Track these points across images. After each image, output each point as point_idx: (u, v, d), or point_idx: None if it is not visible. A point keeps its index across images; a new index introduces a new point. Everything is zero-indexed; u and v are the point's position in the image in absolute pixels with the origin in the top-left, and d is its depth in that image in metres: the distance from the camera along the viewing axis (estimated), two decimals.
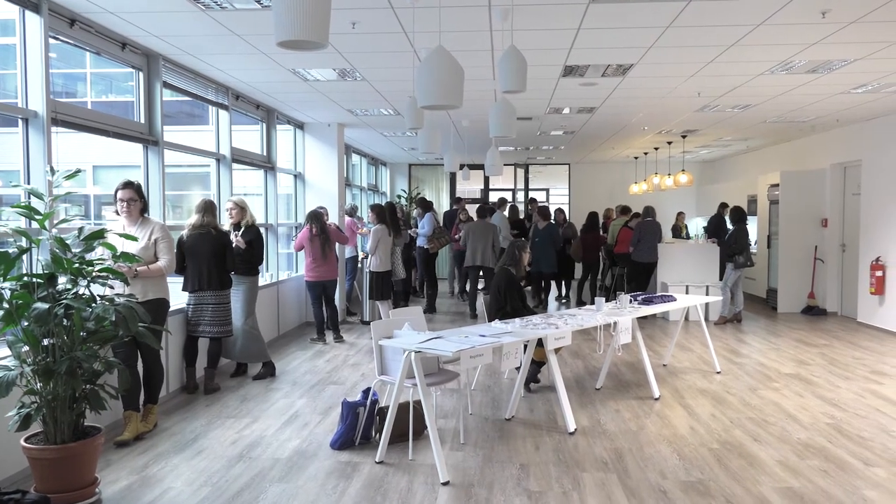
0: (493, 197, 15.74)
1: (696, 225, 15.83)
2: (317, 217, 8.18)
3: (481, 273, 10.43)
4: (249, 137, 8.92)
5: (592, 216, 11.81)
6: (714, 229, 11.76)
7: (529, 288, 11.61)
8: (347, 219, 10.46)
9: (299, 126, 10.14)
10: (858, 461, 4.42)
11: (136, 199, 4.92)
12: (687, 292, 9.85)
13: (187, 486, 4.01)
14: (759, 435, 4.93)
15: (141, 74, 6.02)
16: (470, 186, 17.79)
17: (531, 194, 16.76)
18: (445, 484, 4.04)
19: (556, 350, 5.39)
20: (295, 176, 10.16)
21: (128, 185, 4.91)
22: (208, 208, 6.11)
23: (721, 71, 6.70)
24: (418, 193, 15.35)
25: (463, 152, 13.53)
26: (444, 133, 10.96)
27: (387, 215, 9.21)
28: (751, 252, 10.44)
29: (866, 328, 9.49)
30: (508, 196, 16.31)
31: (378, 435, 4.64)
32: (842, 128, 10.48)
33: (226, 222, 6.71)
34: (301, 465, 4.36)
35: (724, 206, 11.94)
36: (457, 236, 12.10)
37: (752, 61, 6.33)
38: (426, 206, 11.66)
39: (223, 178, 7.58)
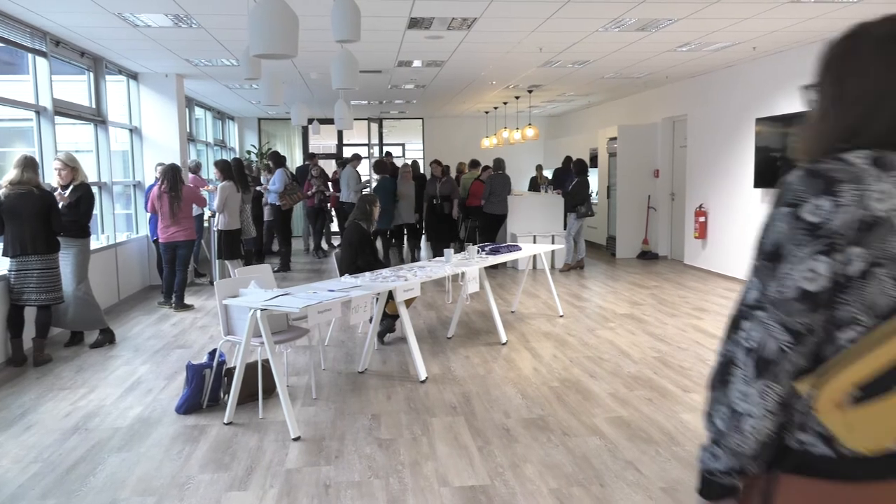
0: (348, 152, 15.55)
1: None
2: (167, 173, 7.71)
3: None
4: (76, 88, 8.21)
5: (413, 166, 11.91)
6: (559, 181, 12.32)
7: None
8: (191, 176, 9.96)
9: (133, 76, 9.44)
10: (678, 389, 4.89)
11: None
12: (534, 242, 10.31)
13: (14, 464, 3.75)
14: (594, 371, 5.31)
15: None
16: (324, 142, 17.45)
17: (386, 149, 16.71)
18: (296, 439, 4.05)
19: (408, 302, 5.49)
20: (130, 130, 9.49)
21: None
22: (28, 164, 5.59)
23: (560, 27, 6.94)
24: (269, 149, 14.85)
25: (313, 106, 13.21)
26: (291, 86, 10.63)
27: (233, 171, 8.85)
28: (591, 203, 11.05)
29: (692, 269, 10.41)
30: (363, 151, 16.16)
31: (226, 396, 4.54)
32: (671, 84, 11.24)
33: (55, 183, 6.18)
34: (143, 433, 4.19)
35: (569, 159, 12.50)
36: (309, 192, 11.88)
37: (587, 18, 6.60)
38: (280, 161, 11.31)
39: (45, 133, 6.93)
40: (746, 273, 1.26)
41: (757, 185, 8.79)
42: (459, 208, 11.32)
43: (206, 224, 10.14)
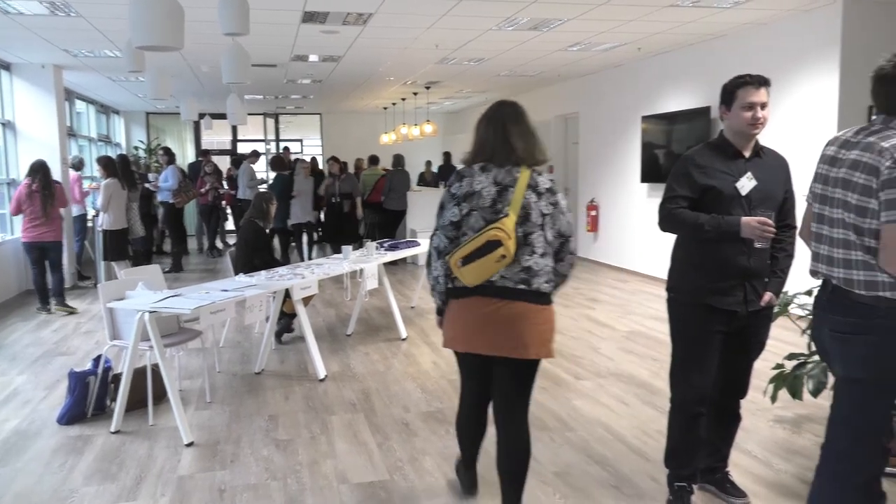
0: (244, 148, 15.15)
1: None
2: (38, 170, 7.23)
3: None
4: None
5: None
6: (444, 176, 12.60)
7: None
8: (73, 173, 9.42)
9: (5, 67, 8.82)
10: (571, 377, 5.07)
11: None
12: None
13: None
14: None
15: None
16: (218, 137, 16.90)
17: (283, 145, 16.37)
18: (189, 445, 3.92)
19: (306, 300, 5.42)
20: (3, 125, 8.86)
21: None
22: None
23: (455, 24, 7.02)
24: (158, 144, 14.23)
25: (205, 100, 12.77)
26: (180, 79, 10.24)
27: (118, 168, 8.43)
28: None
29: (585, 262, 10.79)
30: (261, 147, 15.76)
31: (113, 404, 4.33)
32: (563, 82, 11.59)
33: None
34: (21, 447, 3.94)
35: (448, 154, 13.32)
36: (202, 189, 11.50)
37: (481, 16, 6.71)
38: (172, 157, 10.87)
39: None
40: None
41: (644, 179, 9.21)
42: (362, 205, 11.16)
43: (89, 224, 9.63)
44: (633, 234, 9.58)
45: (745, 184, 2.84)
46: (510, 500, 2.91)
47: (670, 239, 3.09)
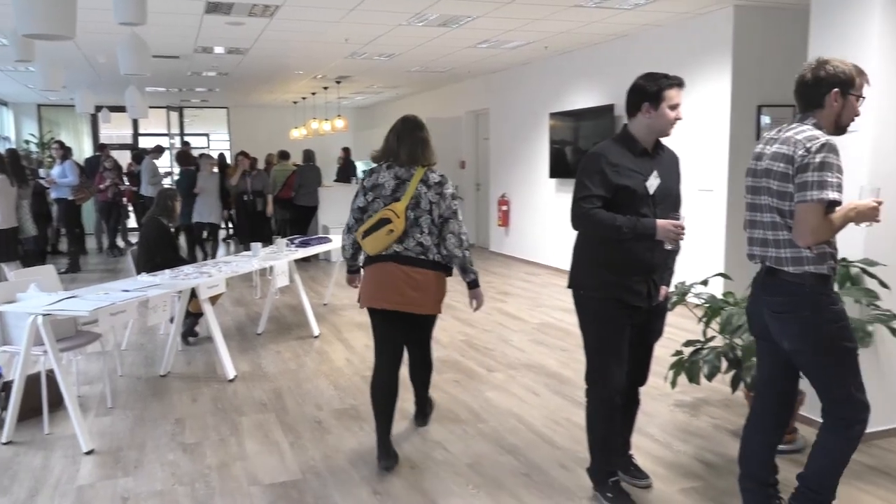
0: (147, 143, 14.53)
1: (357, 168, 16.53)
2: None
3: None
4: None
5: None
6: (342, 172, 12.89)
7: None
8: None
9: None
10: (483, 369, 5.15)
11: None
12: None
13: None
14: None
15: None
16: (118, 131, 16.13)
17: (188, 139, 15.81)
18: (89, 453, 3.75)
19: (213, 299, 5.27)
20: None
21: None
22: None
23: (364, 19, 6.97)
24: (52, 138, 13.46)
25: (102, 92, 12.17)
26: (75, 69, 9.73)
27: (7, 163, 7.92)
28: None
29: (496, 256, 10.97)
30: (164, 141, 15.16)
31: (4, 413, 4.09)
32: (473, 79, 11.72)
33: None
34: None
35: (346, 150, 13.62)
36: (101, 186, 10.97)
37: (390, 11, 6.69)
38: (67, 151, 10.30)
39: None
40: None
41: (552, 175, 9.44)
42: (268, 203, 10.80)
43: None
44: (543, 229, 9.81)
45: (653, 182, 2.92)
46: (421, 397, 4.06)
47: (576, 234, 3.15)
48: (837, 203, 2.44)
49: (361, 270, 3.62)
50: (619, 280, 2.93)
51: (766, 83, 6.53)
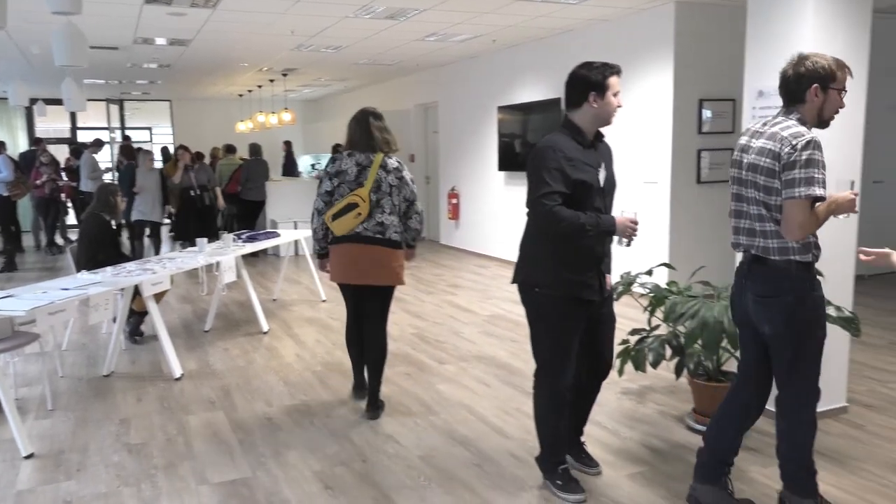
0: (85, 137, 14.07)
1: (305, 163, 16.36)
2: None
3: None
4: None
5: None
6: (289, 165, 13.06)
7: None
8: None
9: None
10: (435, 361, 5.17)
11: None
12: (296, 228, 10.17)
13: None
14: None
15: None
16: (55, 125, 15.58)
17: (130, 133, 15.39)
18: (29, 457, 3.63)
19: (158, 297, 5.15)
20: None
21: None
22: None
23: (310, 10, 6.88)
24: None
25: (36, 84, 11.74)
26: (7, 60, 9.37)
27: None
28: None
29: (447, 249, 11.00)
30: (103, 135, 14.70)
31: None
32: (422, 72, 11.70)
33: None
34: None
35: (288, 143, 13.81)
36: (38, 182, 10.59)
37: (337, 3, 6.61)
38: (1, 146, 9.90)
39: None
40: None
41: (501, 168, 9.50)
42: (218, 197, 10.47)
43: None
44: (493, 221, 9.88)
45: (602, 175, 2.94)
46: (374, 380, 4.14)
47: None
48: (823, 199, 2.55)
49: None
50: (576, 277, 2.92)
51: (706, 78, 6.70)
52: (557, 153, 2.83)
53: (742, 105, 4.07)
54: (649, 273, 4.02)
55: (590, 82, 2.90)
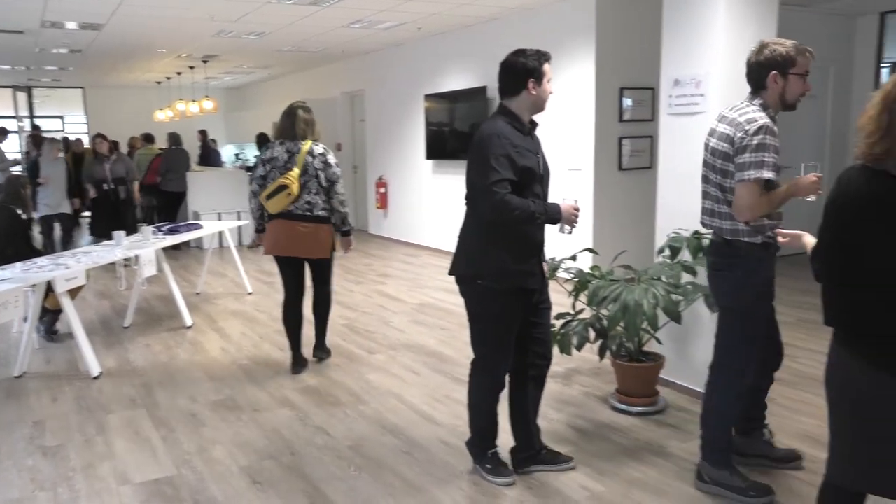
0: None
1: (228, 152, 15.95)
2: None
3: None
4: None
5: None
6: (206, 155, 13.03)
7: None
8: None
9: None
10: (364, 352, 5.15)
11: None
12: (220, 219, 9.92)
13: None
14: (283, 345, 5.27)
15: None
16: None
17: (40, 122, 14.64)
18: None
19: (73, 293, 4.94)
20: None
21: None
22: None
23: None
24: None
25: None
26: None
27: None
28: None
29: (375, 238, 10.95)
30: (10, 124, 13.92)
31: None
32: (348, 60, 11.55)
33: None
34: None
35: (203, 132, 13.71)
36: None
37: None
38: None
39: None
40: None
41: (429, 156, 9.50)
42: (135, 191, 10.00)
43: None
44: (421, 210, 9.88)
45: (541, 161, 2.97)
46: (320, 332, 4.95)
47: (456, 212, 3.12)
48: (773, 182, 2.66)
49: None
50: (521, 267, 2.90)
51: (627, 67, 6.86)
52: (503, 140, 2.79)
53: (660, 93, 4.19)
54: (573, 258, 4.10)
55: (528, 69, 2.90)
